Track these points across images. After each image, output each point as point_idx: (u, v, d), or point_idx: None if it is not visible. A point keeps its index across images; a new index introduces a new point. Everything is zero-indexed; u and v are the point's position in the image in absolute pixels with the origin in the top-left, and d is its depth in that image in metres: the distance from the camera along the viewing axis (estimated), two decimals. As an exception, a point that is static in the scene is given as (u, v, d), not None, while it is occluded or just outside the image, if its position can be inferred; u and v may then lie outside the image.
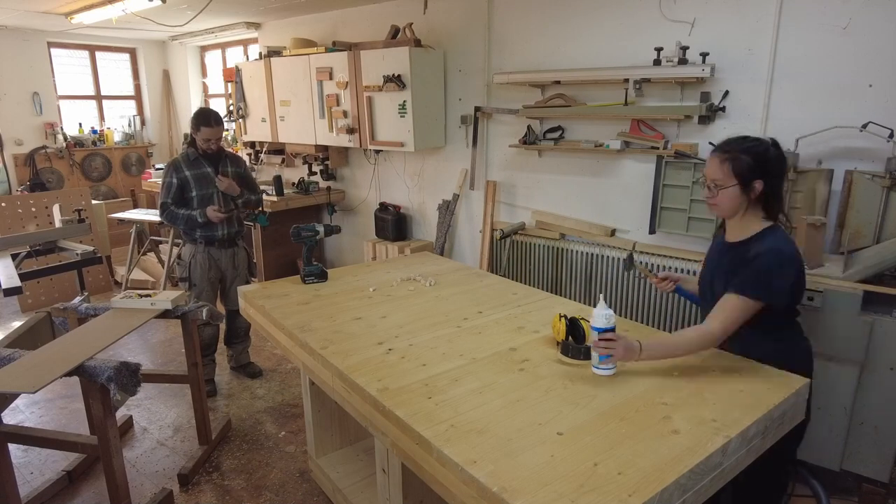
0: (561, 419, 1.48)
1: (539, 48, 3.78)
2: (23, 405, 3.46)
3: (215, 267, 3.49)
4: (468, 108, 4.26)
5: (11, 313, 4.91)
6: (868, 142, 2.62)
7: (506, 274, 3.97)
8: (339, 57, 4.48)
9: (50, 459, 2.90)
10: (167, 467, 2.86)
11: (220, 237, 3.44)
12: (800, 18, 2.77)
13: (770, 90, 2.90)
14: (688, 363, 1.79)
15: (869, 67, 2.62)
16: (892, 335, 2.28)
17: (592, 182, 3.70)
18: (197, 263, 3.43)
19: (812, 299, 2.35)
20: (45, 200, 5.10)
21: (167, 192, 3.34)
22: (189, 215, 3.32)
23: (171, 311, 2.68)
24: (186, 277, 3.46)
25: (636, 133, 3.37)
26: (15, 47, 6.07)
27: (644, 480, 1.23)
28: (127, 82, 7.29)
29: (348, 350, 1.94)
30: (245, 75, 5.41)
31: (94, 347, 2.19)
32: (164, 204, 3.35)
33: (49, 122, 6.38)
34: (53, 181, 6.36)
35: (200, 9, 4.68)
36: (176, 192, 3.34)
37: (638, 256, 3.39)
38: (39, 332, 2.61)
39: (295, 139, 5.19)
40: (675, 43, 3.05)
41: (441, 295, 2.49)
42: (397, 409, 1.54)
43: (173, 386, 3.58)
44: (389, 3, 4.60)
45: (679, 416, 1.49)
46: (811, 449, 2.50)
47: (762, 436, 1.53)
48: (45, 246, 3.71)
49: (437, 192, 4.64)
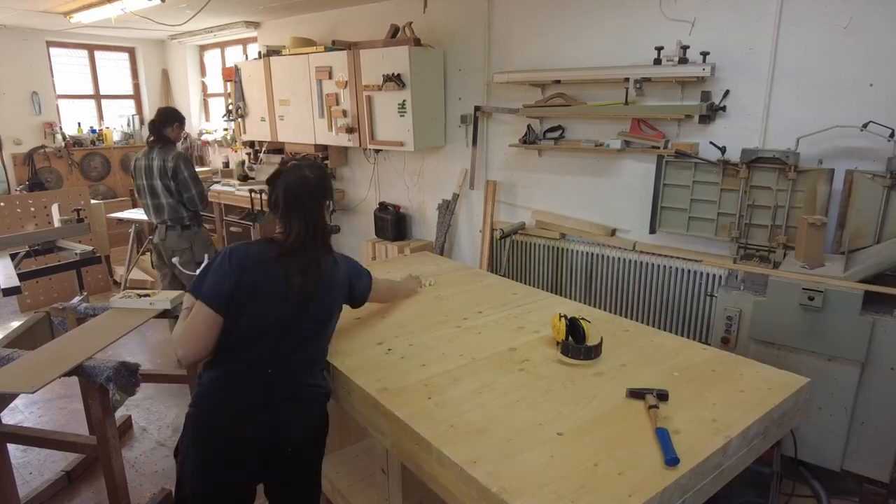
0: (561, 419, 1.47)
1: (539, 47, 3.77)
2: (22, 405, 3.45)
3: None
4: (468, 108, 4.25)
5: (10, 313, 4.90)
6: (869, 141, 2.61)
7: (506, 274, 3.96)
8: (339, 56, 4.47)
9: (49, 460, 2.89)
10: (166, 467, 2.86)
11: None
12: (800, 18, 2.76)
13: (771, 89, 2.89)
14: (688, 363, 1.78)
15: (869, 67, 2.62)
16: (892, 335, 2.27)
17: (593, 182, 3.69)
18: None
19: (812, 299, 2.34)
20: (44, 200, 5.09)
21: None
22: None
23: (171, 311, 2.67)
24: (213, 256, 3.78)
25: (636, 132, 3.37)
26: (14, 46, 6.05)
27: (644, 480, 1.23)
28: (126, 82, 7.28)
29: (348, 350, 1.93)
30: (244, 74, 5.41)
31: (93, 347, 2.18)
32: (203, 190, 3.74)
33: (48, 122, 6.37)
34: (52, 181, 6.35)
35: (199, 8, 4.67)
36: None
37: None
38: (38, 331, 2.61)
39: (294, 139, 5.18)
40: (675, 42, 3.04)
41: (441, 295, 2.48)
42: (397, 409, 1.54)
43: (172, 386, 3.57)
44: (389, 3, 4.59)
45: (679, 416, 1.48)
46: (811, 449, 2.50)
47: (762, 436, 1.53)
48: (43, 246, 3.71)
49: (436, 191, 4.64)
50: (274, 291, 1.67)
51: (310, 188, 1.74)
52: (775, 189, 2.84)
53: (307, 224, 1.72)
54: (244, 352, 1.67)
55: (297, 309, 1.70)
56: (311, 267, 1.71)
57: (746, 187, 2.91)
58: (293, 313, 1.70)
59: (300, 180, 1.73)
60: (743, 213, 2.94)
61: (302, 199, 1.73)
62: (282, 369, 1.69)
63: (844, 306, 2.31)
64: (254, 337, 1.67)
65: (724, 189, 3.00)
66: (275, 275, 1.68)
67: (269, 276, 1.68)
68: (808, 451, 2.51)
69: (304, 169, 1.76)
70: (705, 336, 3.19)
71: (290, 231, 1.72)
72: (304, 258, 1.70)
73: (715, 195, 3.03)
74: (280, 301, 1.68)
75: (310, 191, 1.74)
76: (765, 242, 2.92)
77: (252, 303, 1.66)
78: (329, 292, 1.79)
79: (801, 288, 2.37)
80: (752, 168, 2.87)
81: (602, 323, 2.06)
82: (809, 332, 2.40)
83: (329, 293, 1.80)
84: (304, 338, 1.74)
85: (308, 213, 1.73)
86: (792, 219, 2.82)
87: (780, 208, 2.84)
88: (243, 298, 1.65)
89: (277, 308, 1.68)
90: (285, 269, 1.68)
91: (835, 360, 2.39)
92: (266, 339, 1.68)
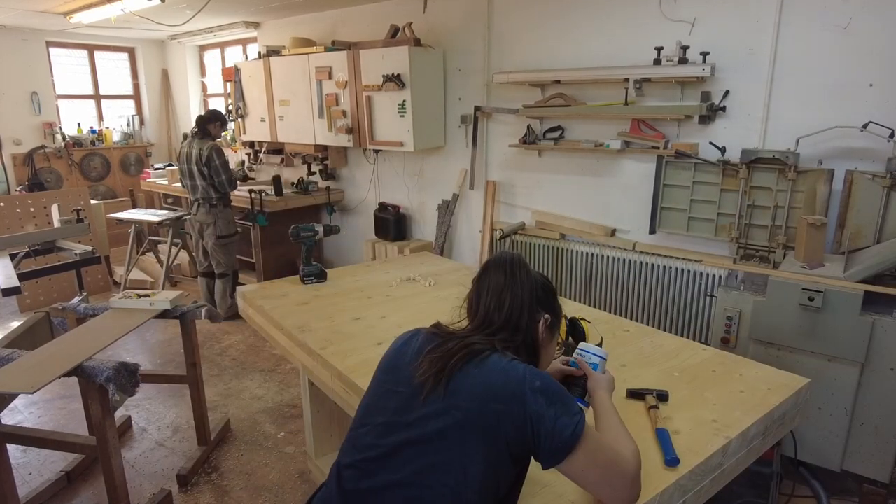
0: (561, 420, 1.47)
1: (539, 47, 3.77)
2: (21, 405, 3.45)
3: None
4: (468, 108, 4.25)
5: (10, 313, 4.90)
6: (869, 141, 2.61)
7: (505, 274, 3.95)
8: (339, 56, 4.47)
9: (48, 460, 2.89)
10: (166, 468, 2.85)
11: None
12: (800, 18, 2.76)
13: (770, 90, 2.89)
14: (688, 363, 1.78)
15: (869, 67, 2.62)
16: (892, 335, 2.27)
17: (592, 182, 3.69)
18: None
19: (812, 299, 2.34)
20: (44, 200, 5.09)
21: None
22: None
23: (170, 312, 2.67)
24: (234, 232, 4.60)
25: (636, 133, 3.37)
26: (13, 47, 6.05)
27: (644, 481, 1.23)
28: (126, 82, 7.28)
29: (347, 350, 1.93)
30: (244, 75, 5.41)
31: (92, 348, 2.18)
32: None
33: (48, 122, 6.37)
34: (52, 181, 6.35)
35: (199, 8, 4.67)
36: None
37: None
38: (38, 332, 2.60)
39: (294, 139, 5.18)
40: (675, 42, 3.04)
41: (441, 295, 2.49)
42: (397, 409, 1.53)
43: (172, 386, 3.57)
44: (389, 3, 4.59)
45: (679, 416, 1.48)
46: (811, 449, 2.50)
47: (762, 436, 1.53)
48: (43, 246, 3.70)
49: (436, 191, 4.64)
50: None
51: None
52: (775, 189, 2.84)
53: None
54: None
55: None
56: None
57: (746, 187, 2.91)
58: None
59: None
60: (743, 213, 2.94)
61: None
62: None
63: (844, 306, 2.31)
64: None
65: (723, 189, 3.00)
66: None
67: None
68: (808, 451, 2.51)
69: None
70: (705, 336, 3.19)
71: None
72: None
73: (715, 195, 3.03)
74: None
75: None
76: (765, 243, 2.92)
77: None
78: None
79: (800, 288, 2.37)
80: (751, 168, 2.87)
81: (602, 323, 2.06)
82: (809, 332, 2.40)
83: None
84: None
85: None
86: (792, 219, 2.82)
87: (779, 209, 2.84)
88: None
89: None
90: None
91: (835, 360, 2.39)
92: None
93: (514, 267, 1.32)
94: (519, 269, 1.31)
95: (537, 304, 1.31)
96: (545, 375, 1.17)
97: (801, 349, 2.44)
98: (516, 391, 1.10)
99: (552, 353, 1.38)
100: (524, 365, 1.17)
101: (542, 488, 1.21)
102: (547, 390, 1.11)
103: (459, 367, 1.16)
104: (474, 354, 1.18)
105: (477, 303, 1.32)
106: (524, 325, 1.27)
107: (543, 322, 1.31)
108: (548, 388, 1.12)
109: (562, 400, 1.12)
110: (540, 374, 1.16)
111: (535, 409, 1.09)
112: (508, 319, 1.26)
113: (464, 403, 1.12)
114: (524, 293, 1.29)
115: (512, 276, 1.30)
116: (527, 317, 1.28)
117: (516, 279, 1.30)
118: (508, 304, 1.27)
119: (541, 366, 1.30)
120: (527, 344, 1.28)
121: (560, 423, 1.08)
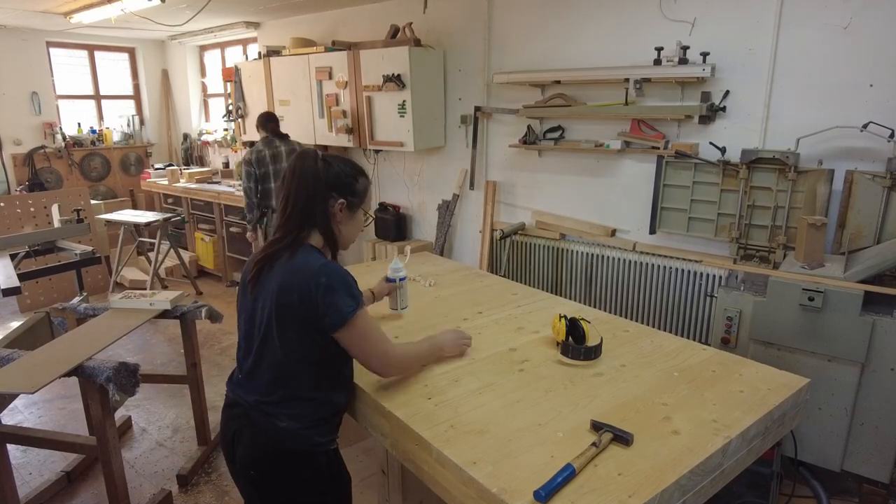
0: (561, 420, 1.47)
1: (539, 48, 3.77)
2: (21, 405, 3.45)
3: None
4: (468, 108, 4.26)
5: (10, 313, 4.90)
6: (869, 142, 2.62)
7: (506, 274, 3.96)
8: (339, 56, 4.47)
9: (49, 460, 2.89)
10: (166, 468, 2.86)
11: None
12: (800, 18, 2.76)
13: (771, 90, 2.89)
14: (688, 363, 1.78)
15: (869, 67, 2.62)
16: (892, 335, 2.27)
17: (592, 182, 3.69)
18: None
19: (812, 300, 2.34)
20: (44, 200, 5.09)
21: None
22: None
23: (170, 312, 2.68)
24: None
25: (636, 133, 3.37)
26: (14, 47, 6.06)
27: (644, 481, 1.23)
28: (126, 82, 7.28)
29: (348, 350, 1.93)
30: (244, 75, 5.41)
31: (92, 348, 2.18)
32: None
33: (48, 122, 6.37)
34: (52, 181, 6.35)
35: (199, 8, 4.67)
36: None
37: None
38: (38, 332, 2.61)
39: (294, 139, 5.17)
40: (675, 42, 3.04)
41: (441, 295, 2.48)
42: (397, 409, 1.53)
43: (172, 386, 3.57)
44: (389, 3, 4.60)
45: (679, 416, 1.48)
46: (811, 449, 2.50)
47: (762, 436, 1.52)
48: (43, 246, 3.71)
49: (436, 192, 4.64)
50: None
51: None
52: (775, 189, 2.84)
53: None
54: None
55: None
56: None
57: (746, 188, 2.91)
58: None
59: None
60: (743, 213, 2.94)
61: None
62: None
63: (844, 307, 2.31)
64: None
65: (723, 189, 3.00)
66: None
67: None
68: (808, 451, 2.51)
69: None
70: (705, 336, 3.19)
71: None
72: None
73: (715, 196, 3.03)
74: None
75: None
76: (765, 243, 2.92)
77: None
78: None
79: (800, 288, 2.37)
80: (751, 168, 2.87)
81: (602, 323, 2.06)
82: (809, 332, 2.40)
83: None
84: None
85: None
86: (792, 219, 2.82)
87: (779, 209, 2.84)
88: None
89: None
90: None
91: (835, 360, 2.39)
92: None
93: (300, 160, 1.49)
94: (305, 160, 1.49)
95: (330, 190, 1.50)
96: (332, 272, 1.43)
97: (801, 349, 2.44)
98: (309, 283, 1.40)
99: (354, 232, 1.61)
100: (321, 262, 1.44)
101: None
102: (329, 286, 1.41)
103: (269, 268, 1.46)
104: (279, 254, 1.46)
105: (284, 201, 1.51)
106: (315, 210, 1.48)
107: (339, 205, 1.51)
108: (330, 283, 1.41)
109: (343, 291, 1.42)
110: (328, 271, 1.42)
111: (321, 296, 1.40)
112: (300, 208, 1.47)
113: (271, 297, 1.43)
114: (308, 181, 1.47)
115: (296, 169, 1.49)
116: (319, 203, 1.48)
117: (298, 170, 1.48)
118: (294, 195, 1.48)
119: (341, 244, 1.57)
120: (326, 227, 1.50)
121: (334, 307, 1.41)
